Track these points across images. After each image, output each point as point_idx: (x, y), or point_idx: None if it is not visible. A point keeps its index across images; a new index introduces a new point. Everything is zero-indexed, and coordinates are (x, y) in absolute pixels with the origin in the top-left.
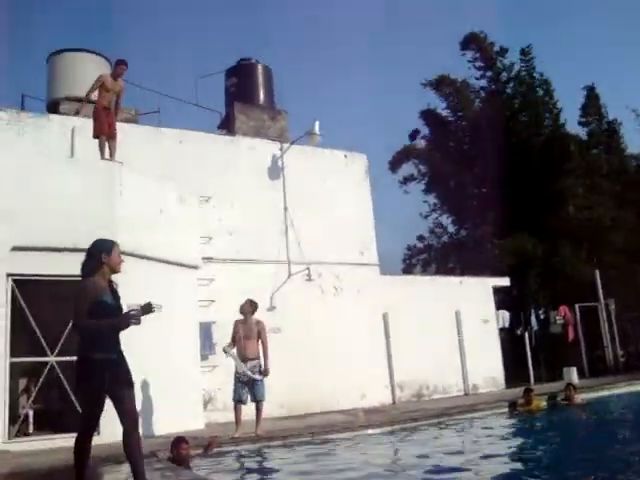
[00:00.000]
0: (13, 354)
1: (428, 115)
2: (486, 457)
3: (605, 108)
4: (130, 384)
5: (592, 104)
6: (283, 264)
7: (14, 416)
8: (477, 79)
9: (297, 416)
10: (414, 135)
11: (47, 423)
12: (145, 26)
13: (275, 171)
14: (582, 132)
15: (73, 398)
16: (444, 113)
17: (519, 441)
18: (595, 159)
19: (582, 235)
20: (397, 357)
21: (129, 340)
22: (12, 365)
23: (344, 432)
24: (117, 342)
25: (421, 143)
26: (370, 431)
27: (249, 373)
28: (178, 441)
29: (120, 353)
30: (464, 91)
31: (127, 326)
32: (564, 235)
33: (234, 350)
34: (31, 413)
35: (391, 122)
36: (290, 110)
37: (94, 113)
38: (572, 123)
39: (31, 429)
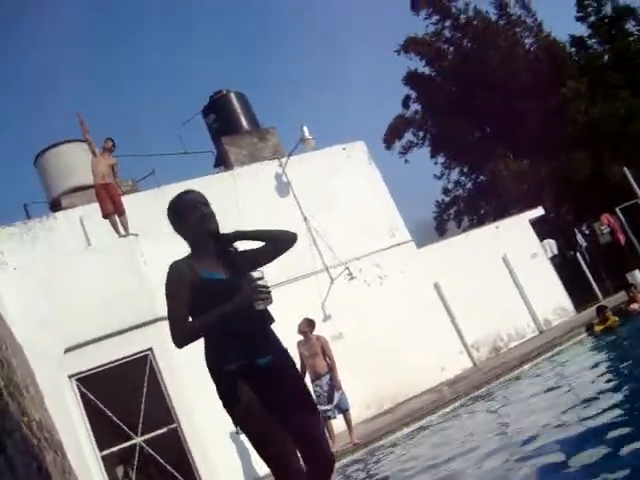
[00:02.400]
0: (101, 448)
1: (411, 78)
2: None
3: None
4: (308, 402)
5: None
6: (322, 272)
7: None
8: (438, 33)
9: (386, 411)
10: (407, 101)
11: None
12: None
13: (282, 188)
14: (581, 29)
15: (171, 469)
16: (426, 71)
17: (604, 365)
18: (594, 55)
19: (601, 135)
20: (461, 320)
21: (204, 395)
22: (104, 457)
23: (436, 411)
24: (265, 338)
25: (414, 109)
26: (459, 402)
27: (323, 408)
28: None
29: (281, 353)
30: (434, 44)
31: (249, 305)
32: (580, 142)
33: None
34: None
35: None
36: (279, 124)
37: (96, 195)
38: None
39: None
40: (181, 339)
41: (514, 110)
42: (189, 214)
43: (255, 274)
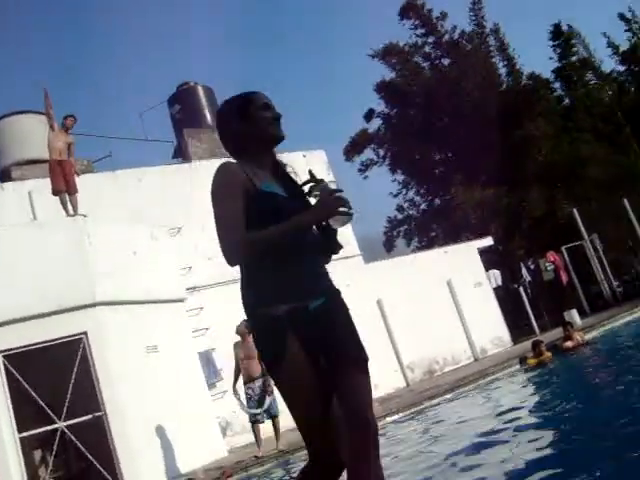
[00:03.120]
0: (20, 429)
1: (383, 87)
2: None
3: (579, 39)
4: (359, 355)
5: (560, 39)
6: None
7: None
8: (420, 47)
9: None
10: (370, 115)
11: None
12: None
13: None
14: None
15: (91, 458)
16: (398, 83)
17: (532, 396)
18: (559, 97)
19: (557, 176)
20: (400, 339)
21: (135, 387)
22: (22, 440)
23: None
24: (315, 274)
25: (376, 126)
26: (389, 419)
27: (252, 412)
28: None
29: (333, 294)
30: (412, 58)
31: (327, 217)
32: (536, 180)
33: (240, 394)
34: None
35: (346, 111)
36: None
37: (49, 170)
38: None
39: None
40: (237, 250)
41: (479, 139)
42: (259, 111)
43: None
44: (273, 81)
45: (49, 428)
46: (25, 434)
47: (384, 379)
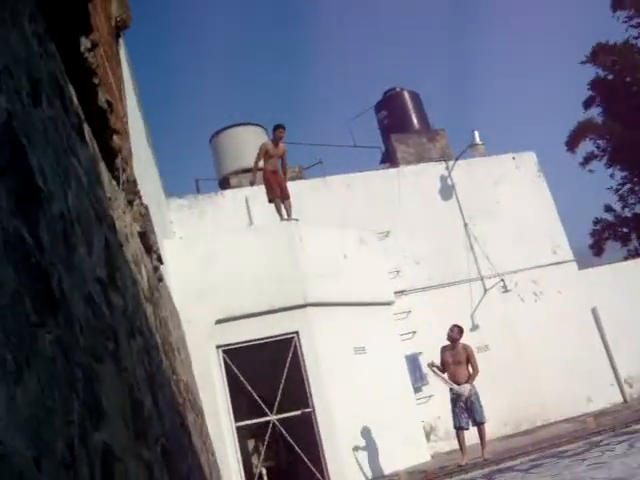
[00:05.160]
0: (237, 419)
1: (598, 84)
2: None
3: None
4: None
5: None
6: (476, 281)
7: (250, 475)
8: (636, 38)
9: (522, 432)
10: (590, 102)
11: (279, 478)
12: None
13: (446, 190)
14: None
15: (300, 451)
16: (615, 79)
17: None
18: None
19: None
20: (617, 351)
21: (343, 387)
22: (238, 429)
23: (575, 442)
24: None
25: (597, 116)
26: (601, 437)
27: (456, 387)
28: None
29: None
30: (628, 54)
31: None
32: None
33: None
34: (264, 471)
35: (553, 112)
36: (447, 127)
37: (264, 179)
38: None
39: None
40: None
41: None
42: None
43: None
44: (478, 84)
45: (262, 420)
46: (241, 423)
47: (598, 392)
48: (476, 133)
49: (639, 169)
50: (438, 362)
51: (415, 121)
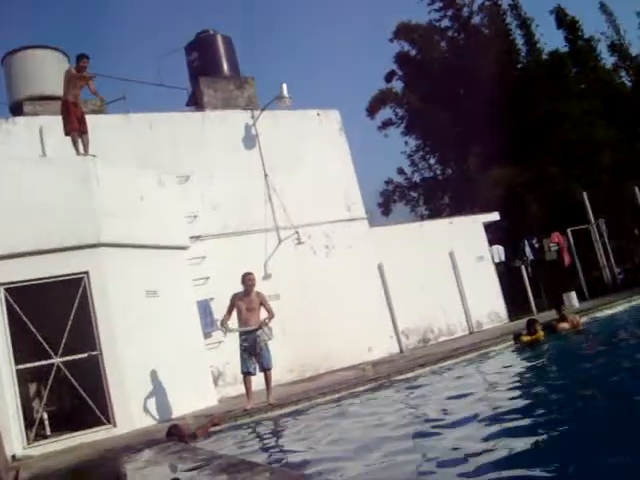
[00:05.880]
0: (17, 361)
1: (402, 58)
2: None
3: (580, 25)
4: None
5: (565, 25)
6: (272, 231)
7: (30, 421)
8: (438, 21)
9: (307, 379)
10: (390, 76)
11: (63, 423)
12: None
13: (250, 140)
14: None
15: (85, 395)
16: (417, 56)
17: (521, 374)
18: (574, 78)
19: (573, 157)
20: (398, 306)
21: (133, 330)
22: (18, 372)
23: (355, 387)
24: None
25: (397, 86)
26: (379, 383)
27: (250, 328)
28: (173, 428)
29: None
30: (429, 35)
31: None
32: (553, 160)
33: (230, 323)
34: (46, 416)
35: (360, 78)
36: (256, 76)
37: (63, 110)
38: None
39: (48, 431)
40: None
41: (495, 115)
42: None
43: None
44: (290, 32)
45: (45, 363)
46: (21, 366)
47: (378, 343)
48: (284, 86)
49: (431, 139)
50: (226, 310)
51: (225, 66)
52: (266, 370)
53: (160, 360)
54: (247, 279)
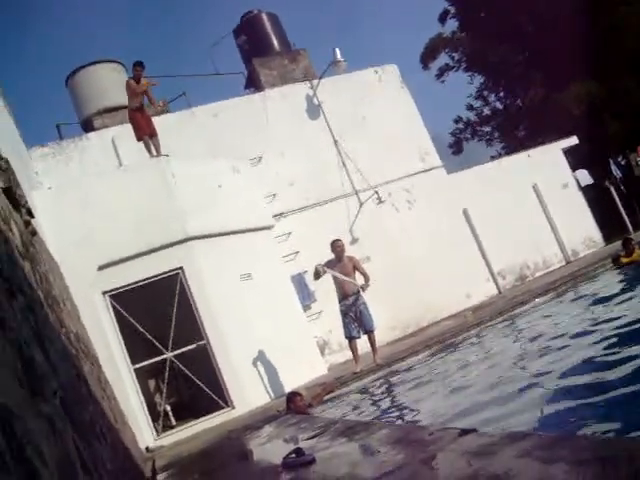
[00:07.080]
0: (134, 361)
1: None
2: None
3: None
4: None
5: None
6: (351, 196)
7: (155, 415)
8: None
9: (410, 334)
10: (445, 16)
11: (184, 412)
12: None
13: (313, 110)
14: None
15: (200, 383)
16: None
17: (624, 297)
18: None
19: None
20: (489, 248)
21: (234, 314)
22: (136, 371)
23: (459, 335)
24: None
25: (450, 27)
26: (483, 327)
27: (344, 278)
28: (293, 395)
29: None
30: None
31: None
32: (628, 70)
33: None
34: (168, 408)
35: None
36: (309, 46)
37: (130, 118)
38: None
39: (173, 422)
40: None
41: (559, 35)
42: None
43: None
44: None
45: (159, 359)
46: (138, 365)
47: (476, 288)
48: (337, 50)
49: (494, 72)
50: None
51: (275, 43)
52: (369, 332)
53: (265, 339)
54: (336, 246)
